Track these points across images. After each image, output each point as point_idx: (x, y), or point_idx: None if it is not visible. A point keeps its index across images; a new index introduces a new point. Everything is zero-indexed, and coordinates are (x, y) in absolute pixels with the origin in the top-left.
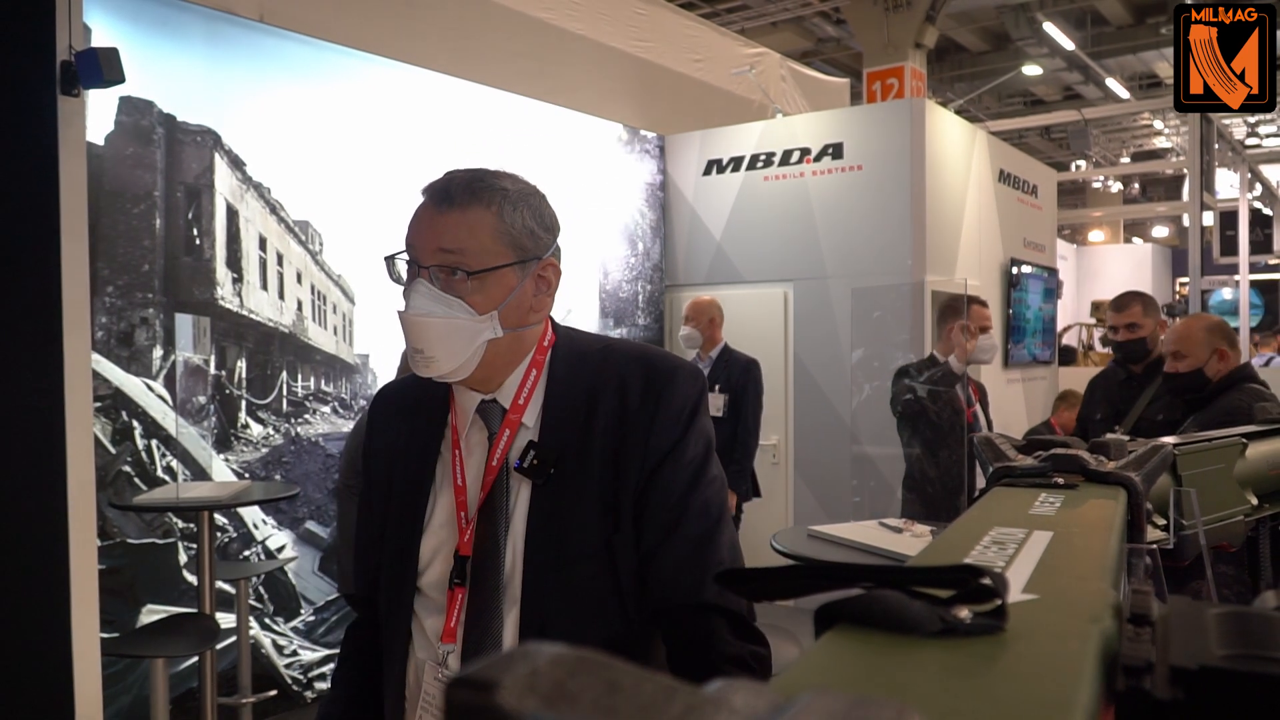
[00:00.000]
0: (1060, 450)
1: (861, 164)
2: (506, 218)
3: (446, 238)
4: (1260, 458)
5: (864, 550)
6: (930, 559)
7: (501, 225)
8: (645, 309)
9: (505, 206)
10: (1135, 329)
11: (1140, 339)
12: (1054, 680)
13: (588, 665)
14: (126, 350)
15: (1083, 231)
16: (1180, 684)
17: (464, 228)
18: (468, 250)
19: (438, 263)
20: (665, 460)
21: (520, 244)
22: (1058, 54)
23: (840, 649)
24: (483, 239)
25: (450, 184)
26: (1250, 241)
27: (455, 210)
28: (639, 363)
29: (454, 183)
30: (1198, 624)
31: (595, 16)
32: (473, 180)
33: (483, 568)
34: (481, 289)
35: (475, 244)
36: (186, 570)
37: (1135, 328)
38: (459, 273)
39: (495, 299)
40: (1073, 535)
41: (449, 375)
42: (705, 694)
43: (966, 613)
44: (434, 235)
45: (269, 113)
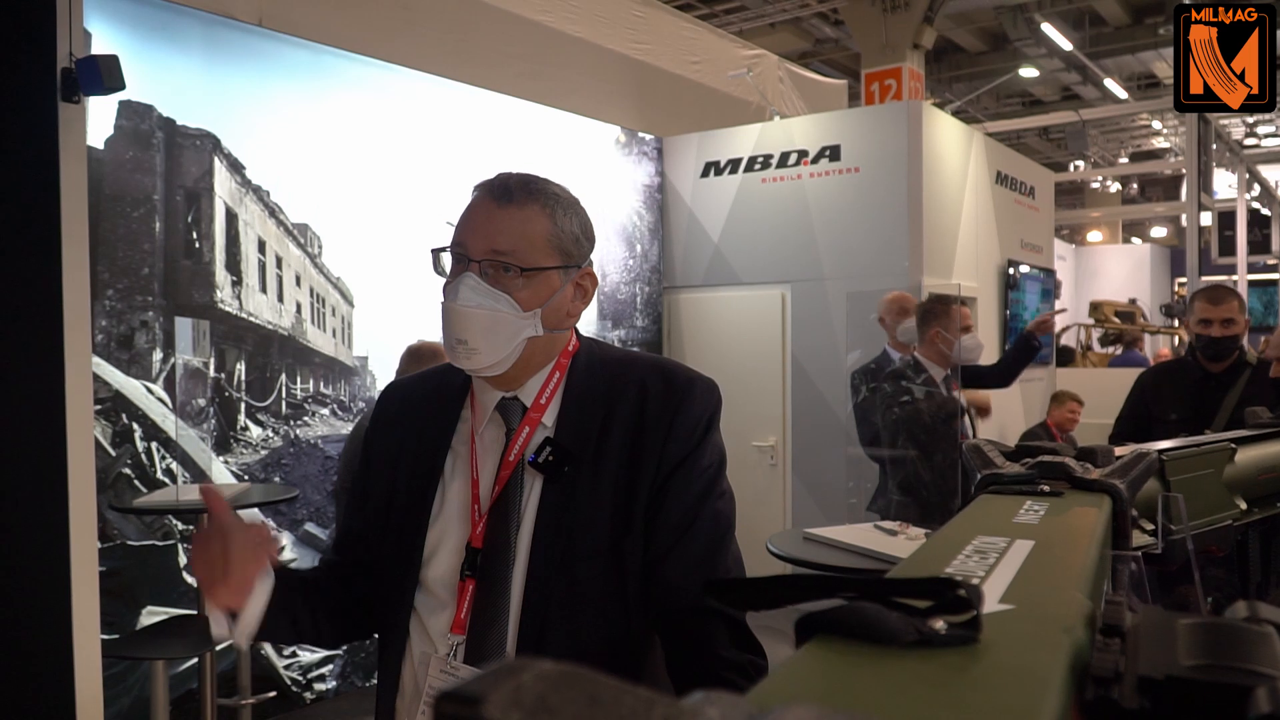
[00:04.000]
0: (1047, 458)
1: (859, 166)
2: (559, 222)
3: (502, 234)
4: (1249, 463)
5: (859, 553)
6: (912, 569)
7: (554, 228)
8: (643, 311)
9: (558, 211)
10: (1231, 325)
11: (1235, 335)
12: (1023, 690)
13: (570, 680)
14: (126, 353)
15: (1081, 232)
16: (1147, 694)
17: (520, 225)
18: (521, 248)
19: (490, 258)
20: (679, 469)
21: (566, 249)
22: (1056, 54)
23: (817, 660)
24: (536, 239)
25: (509, 181)
26: (1248, 242)
27: (513, 207)
28: (658, 374)
29: (512, 181)
30: (1167, 634)
31: (593, 19)
32: (529, 181)
33: (492, 561)
34: (529, 286)
35: (528, 243)
36: (186, 572)
37: (1231, 324)
38: (511, 269)
39: (540, 298)
40: (1054, 544)
41: (489, 369)
42: (683, 705)
43: (942, 624)
44: (490, 230)
45: (268, 116)
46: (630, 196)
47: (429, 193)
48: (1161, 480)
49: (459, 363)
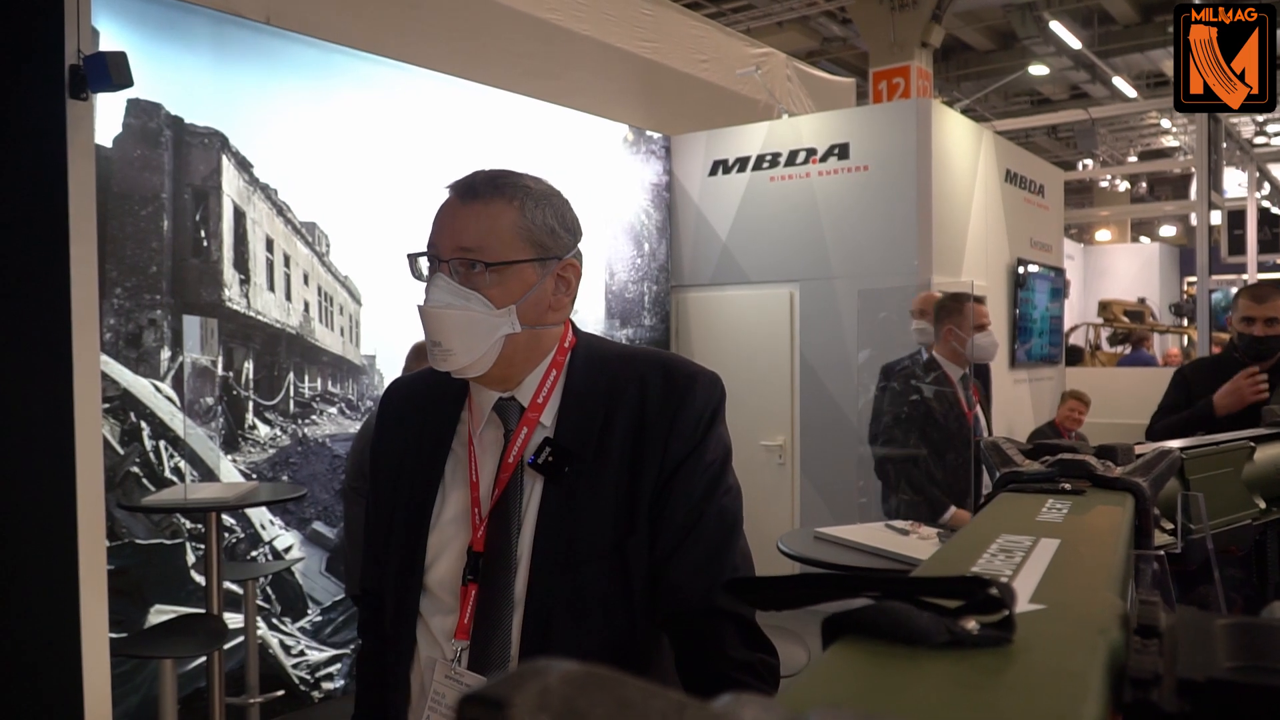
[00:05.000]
0: (1067, 455)
1: (867, 164)
2: (528, 214)
3: (467, 230)
4: (1269, 461)
5: (871, 553)
6: (938, 568)
7: (522, 221)
8: (651, 309)
9: (528, 203)
10: (1275, 324)
11: (1278, 335)
12: (1061, 693)
13: (598, 682)
14: (134, 351)
15: (1090, 231)
16: (1188, 696)
17: (485, 220)
18: (487, 243)
19: (457, 256)
20: (683, 466)
21: (540, 241)
22: (1064, 53)
23: (848, 661)
24: (502, 232)
25: (474, 179)
26: (1258, 240)
27: (478, 203)
28: (658, 368)
29: (478, 178)
30: (1205, 635)
31: (601, 18)
32: (496, 176)
33: (494, 564)
34: (500, 282)
35: (495, 237)
36: (194, 571)
37: (1275, 323)
38: (478, 265)
39: (514, 294)
40: (1079, 543)
41: (466, 370)
42: (714, 709)
43: (974, 624)
44: (455, 228)
45: (276, 115)
46: (638, 195)
47: (437, 191)
48: (1181, 479)
49: (437, 365)
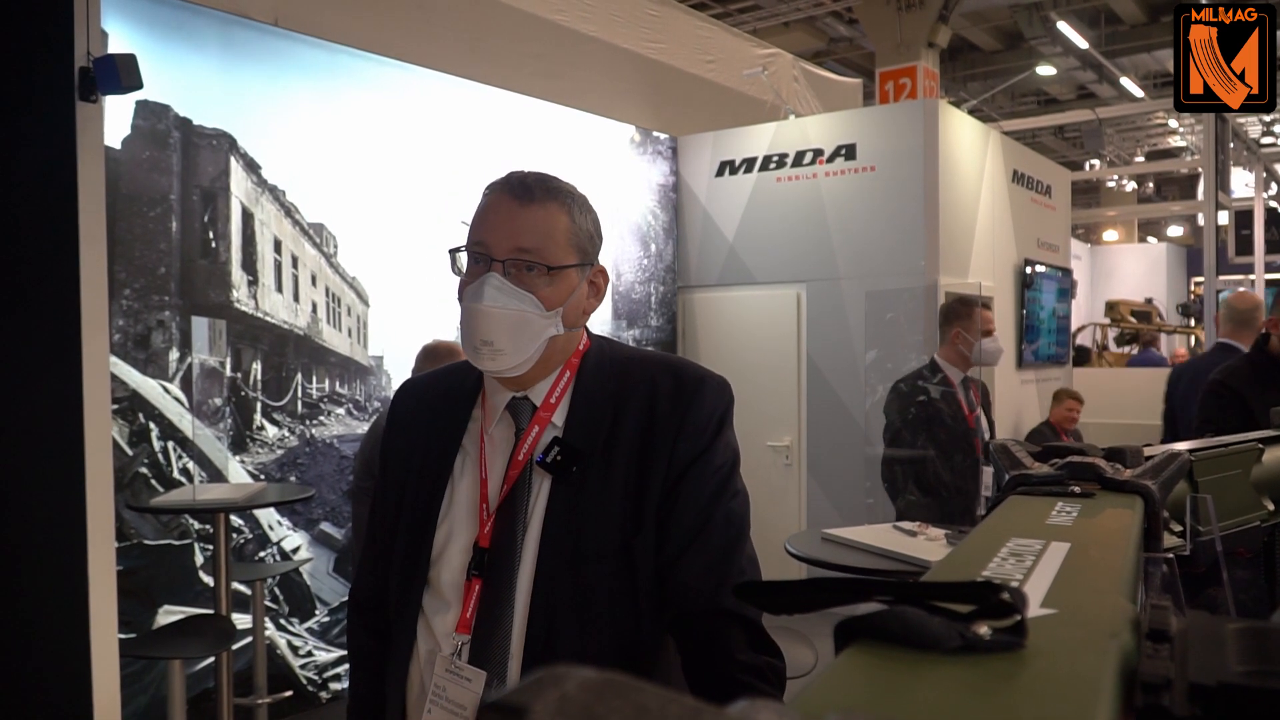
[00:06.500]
0: (1077, 458)
1: (874, 165)
2: (577, 220)
3: (526, 232)
4: (1277, 463)
5: (879, 554)
6: (949, 571)
7: (573, 226)
8: (658, 310)
9: (575, 209)
10: None
11: None
12: (1074, 698)
13: (616, 688)
14: (143, 353)
15: (1097, 231)
16: (1199, 701)
17: (544, 223)
18: (545, 246)
19: (514, 256)
20: (691, 468)
21: (583, 247)
22: (1071, 53)
23: (861, 666)
24: (558, 236)
25: (527, 179)
26: (1265, 240)
27: (535, 205)
28: (668, 372)
29: (529, 179)
30: (1217, 640)
31: (607, 18)
32: (546, 179)
33: (499, 561)
34: (552, 285)
35: (552, 241)
36: (203, 571)
37: None
38: (535, 268)
39: (561, 297)
40: (1090, 546)
41: (513, 369)
42: (731, 715)
43: (986, 629)
44: (514, 229)
45: (284, 116)
46: (645, 196)
47: (444, 192)
48: (1189, 481)
49: (482, 364)
